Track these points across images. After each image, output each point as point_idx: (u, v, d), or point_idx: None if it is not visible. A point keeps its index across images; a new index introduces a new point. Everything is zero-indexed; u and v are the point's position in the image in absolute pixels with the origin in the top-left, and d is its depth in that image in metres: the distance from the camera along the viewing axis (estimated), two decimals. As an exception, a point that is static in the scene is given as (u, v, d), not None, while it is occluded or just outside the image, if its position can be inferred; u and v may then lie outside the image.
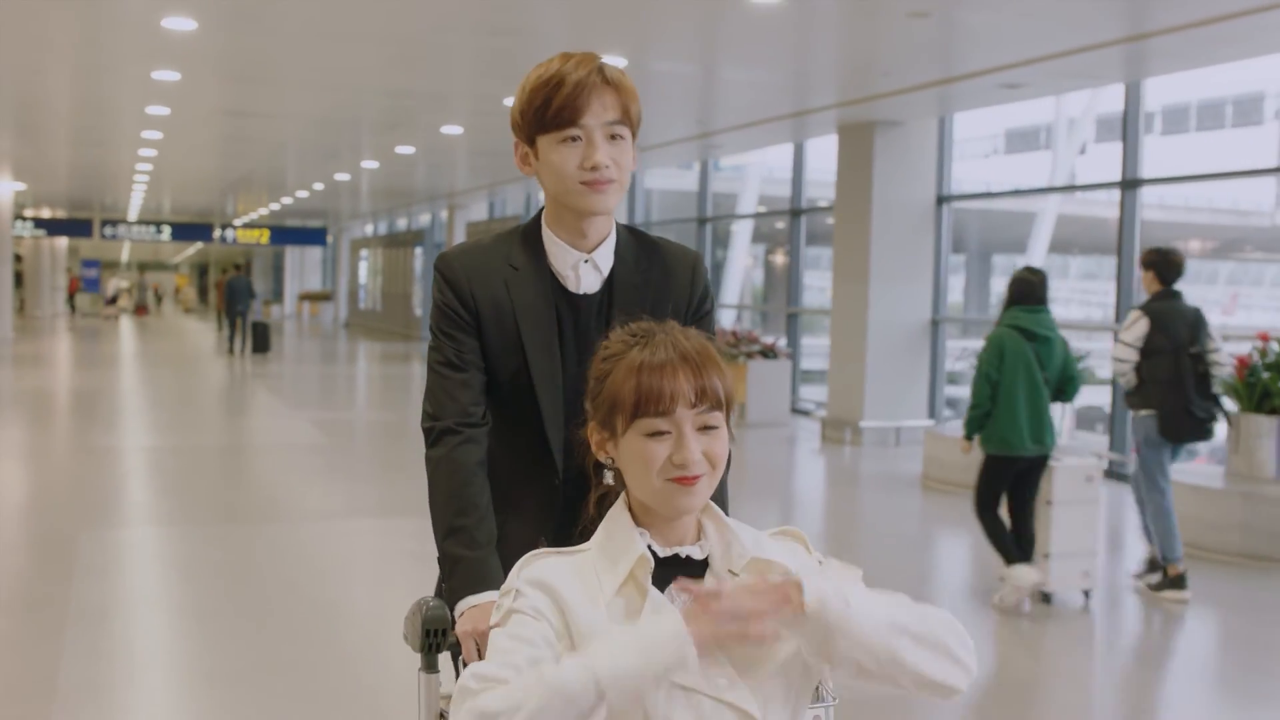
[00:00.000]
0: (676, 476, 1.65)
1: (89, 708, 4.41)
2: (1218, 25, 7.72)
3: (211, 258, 59.46)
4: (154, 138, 16.04)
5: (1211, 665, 5.81)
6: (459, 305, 2.15)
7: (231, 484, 9.49)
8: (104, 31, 9.36)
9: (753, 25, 8.26)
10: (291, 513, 8.30)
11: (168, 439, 11.67)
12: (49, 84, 11.95)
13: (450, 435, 2.11)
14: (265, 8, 8.36)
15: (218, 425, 13.25)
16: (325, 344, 28.78)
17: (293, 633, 5.44)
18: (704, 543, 1.73)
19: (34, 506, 8.41)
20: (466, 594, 1.99)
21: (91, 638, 5.21)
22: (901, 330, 12.20)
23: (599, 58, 2.10)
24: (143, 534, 7.48)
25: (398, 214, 34.07)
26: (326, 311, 42.20)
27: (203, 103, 12.94)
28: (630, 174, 2.13)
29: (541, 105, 2.06)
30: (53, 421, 13.10)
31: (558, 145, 2.07)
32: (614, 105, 2.08)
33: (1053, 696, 5.16)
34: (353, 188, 24.77)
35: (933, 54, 9.17)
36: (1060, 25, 8.12)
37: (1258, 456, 7.61)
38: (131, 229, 35.02)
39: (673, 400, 1.64)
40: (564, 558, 1.69)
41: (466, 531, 2.05)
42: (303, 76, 11.21)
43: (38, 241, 35.76)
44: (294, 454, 10.98)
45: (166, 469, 9.91)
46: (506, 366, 2.15)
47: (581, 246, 2.15)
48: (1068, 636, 5.99)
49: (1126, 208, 10.25)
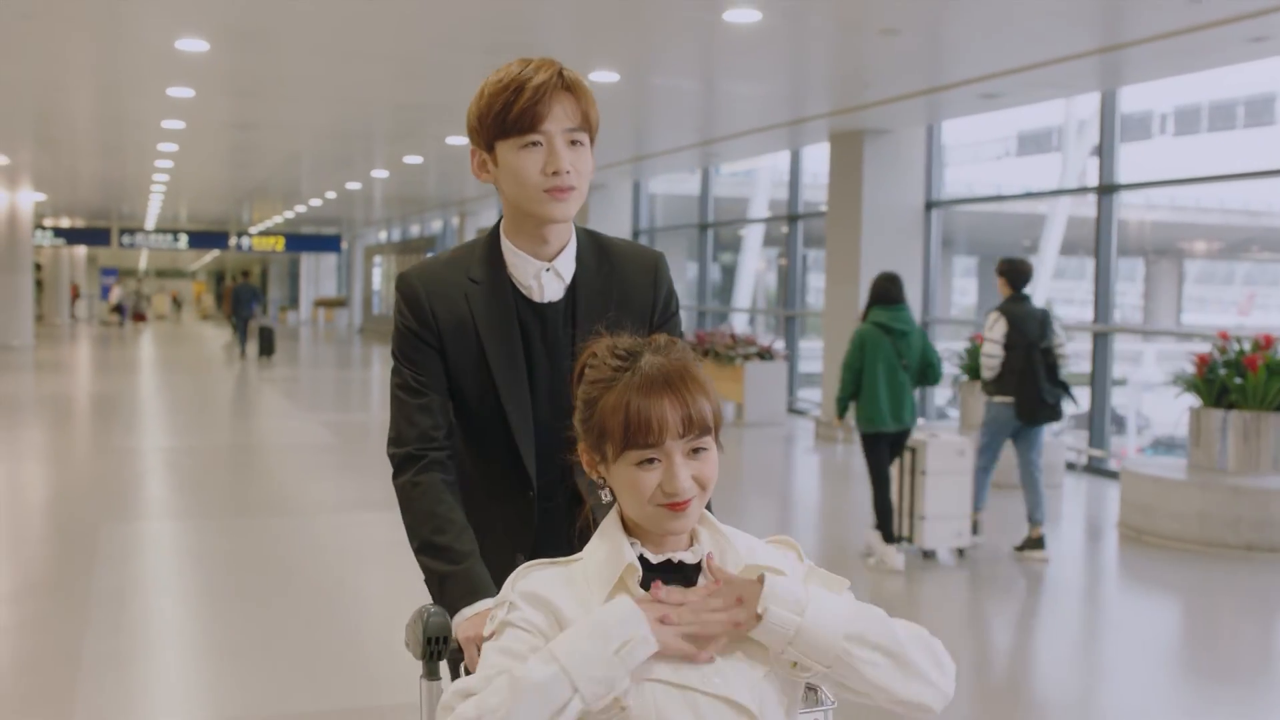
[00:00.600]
0: (667, 503, 1.66)
1: (110, 676, 4.85)
2: (1187, 36, 8.06)
3: (228, 265, 60.14)
4: (170, 149, 16.56)
5: (1074, 616, 6.21)
6: (419, 326, 2.13)
7: (243, 481, 9.94)
8: (121, 53, 9.86)
9: (736, 42, 8.68)
10: (300, 507, 8.74)
11: (183, 439, 12.14)
12: (69, 101, 12.46)
13: (412, 462, 2.11)
14: (274, 30, 8.82)
15: (231, 426, 13.72)
16: (338, 349, 29.26)
17: (299, 613, 5.88)
18: (697, 547, 1.74)
19: (57, 501, 8.86)
20: (461, 605, 1.99)
21: (112, 616, 5.66)
22: (891, 331, 12.57)
23: (558, 63, 2.08)
24: (160, 526, 7.94)
25: (410, 221, 34.58)
26: (341, 317, 42.74)
27: (216, 117, 13.43)
28: (589, 181, 2.11)
29: (501, 110, 2.04)
30: (73, 423, 13.59)
31: (518, 151, 2.05)
32: (574, 111, 2.05)
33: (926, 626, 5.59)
34: (365, 196, 25.29)
35: (910, 67, 9.57)
36: (1035, 39, 8.49)
37: (1216, 449, 7.99)
38: (149, 237, 35.64)
39: (661, 432, 1.65)
40: (557, 568, 1.71)
41: (445, 548, 2.04)
42: (312, 92, 11.68)
43: (57, 250, 36.39)
44: (304, 453, 11.44)
45: (182, 467, 10.37)
46: (473, 383, 2.14)
47: (542, 255, 2.14)
48: (941, 584, 6.90)
49: (1104, 211, 10.65)
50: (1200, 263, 25.43)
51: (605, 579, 1.67)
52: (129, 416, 14.09)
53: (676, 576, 1.71)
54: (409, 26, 8.58)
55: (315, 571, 6.77)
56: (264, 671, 4.96)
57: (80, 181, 22.91)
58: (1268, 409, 7.78)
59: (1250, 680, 5.44)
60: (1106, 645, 5.93)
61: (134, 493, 9.15)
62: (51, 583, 6.39)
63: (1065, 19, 7.94)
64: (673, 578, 1.70)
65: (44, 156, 18.59)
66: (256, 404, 16.44)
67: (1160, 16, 7.75)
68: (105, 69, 10.57)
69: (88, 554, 6.86)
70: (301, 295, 48.17)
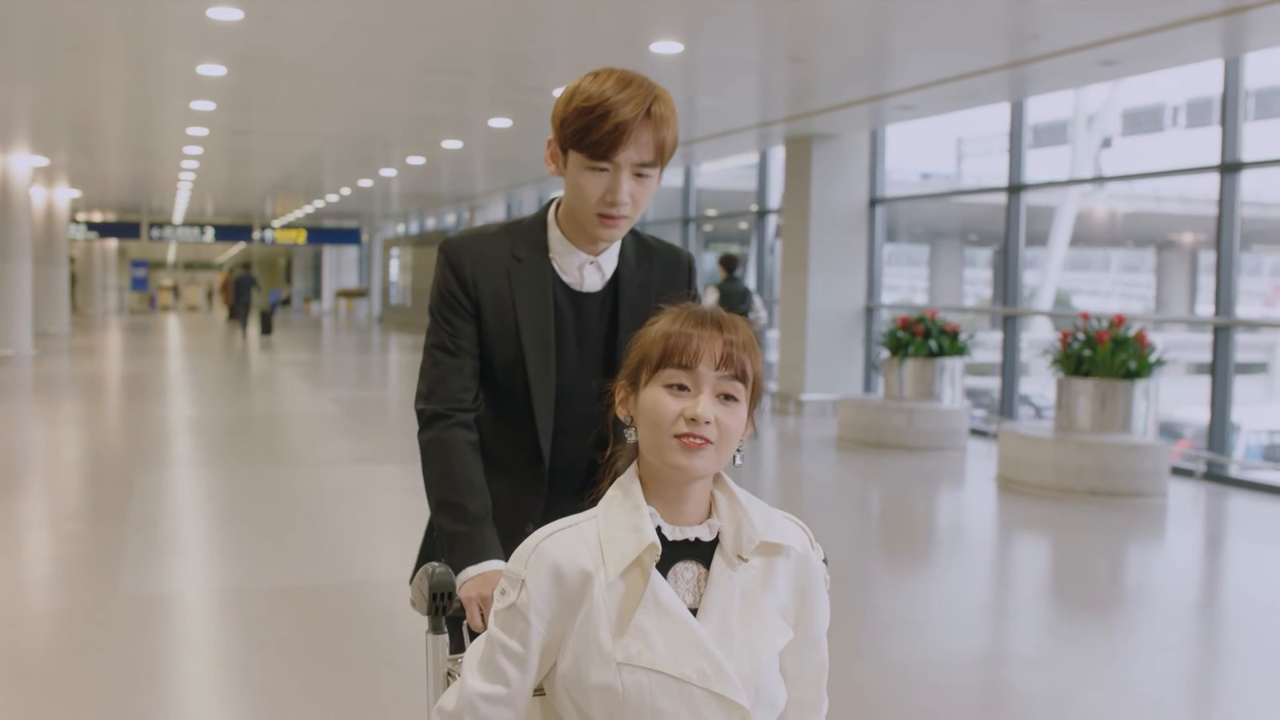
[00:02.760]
0: (683, 434, 1.66)
1: (148, 572, 6.36)
2: (1092, 50, 9.16)
3: (254, 257, 61.94)
4: (194, 151, 18.16)
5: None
6: (460, 291, 2.19)
7: (257, 440, 11.49)
8: (149, 75, 11.42)
9: (662, 70, 10.09)
10: (305, 459, 10.28)
11: (205, 410, 13.72)
12: (103, 113, 14.06)
13: (440, 420, 2.17)
14: (292, 53, 10.31)
15: (248, 400, 15.31)
16: (355, 337, 30.95)
17: (302, 531, 7.41)
18: (714, 520, 1.73)
19: (95, 456, 10.41)
20: (466, 565, 2.04)
21: (147, 532, 7.20)
22: (838, 315, 14.03)
23: (653, 90, 2.10)
24: (184, 473, 9.49)
25: (427, 214, 36.12)
26: (361, 307, 44.43)
27: (236, 125, 14.99)
28: (647, 204, 2.16)
29: (580, 130, 2.07)
30: (106, 397, 15.18)
31: (584, 170, 2.09)
32: (650, 145, 2.09)
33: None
34: (383, 191, 26.86)
35: (843, 81, 10.98)
36: (948, 55, 9.75)
37: (1076, 412, 9.39)
38: (177, 231, 37.29)
39: (697, 355, 1.66)
40: (571, 531, 1.70)
41: (460, 507, 2.10)
42: (318, 107, 13.23)
43: (90, 244, 38.13)
44: (311, 421, 12.99)
45: (204, 431, 11.93)
46: (502, 356, 2.20)
47: (589, 251, 2.22)
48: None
49: (1012, 210, 12.07)
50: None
51: (624, 553, 1.66)
52: (156, 391, 15.71)
53: (691, 553, 1.72)
54: (416, 50, 10.05)
55: (315, 502, 8.30)
56: (275, 572, 6.48)
57: (112, 179, 24.58)
58: (1115, 377, 9.18)
59: (1104, 604, 6.88)
60: (978, 579, 7.34)
61: (161, 450, 10.70)
62: (94, 513, 7.94)
63: (980, 36, 9.03)
64: (688, 554, 1.72)
65: (79, 158, 20.23)
66: (272, 383, 18.03)
67: (1067, 33, 8.73)
68: (135, 87, 12.14)
69: (124, 493, 8.41)
70: (324, 286, 49.89)
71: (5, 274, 18.49)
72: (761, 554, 1.71)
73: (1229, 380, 9.83)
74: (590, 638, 1.64)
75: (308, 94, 12.43)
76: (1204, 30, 8.65)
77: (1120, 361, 9.12)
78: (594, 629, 1.64)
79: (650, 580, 1.65)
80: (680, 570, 1.70)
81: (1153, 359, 9.15)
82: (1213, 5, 8.02)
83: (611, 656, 1.63)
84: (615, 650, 1.63)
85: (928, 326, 11.48)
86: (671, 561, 1.70)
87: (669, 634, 1.63)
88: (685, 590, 1.69)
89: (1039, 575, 7.33)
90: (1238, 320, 9.96)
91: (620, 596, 1.65)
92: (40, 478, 9.39)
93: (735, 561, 1.70)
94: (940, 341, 11.44)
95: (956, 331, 11.57)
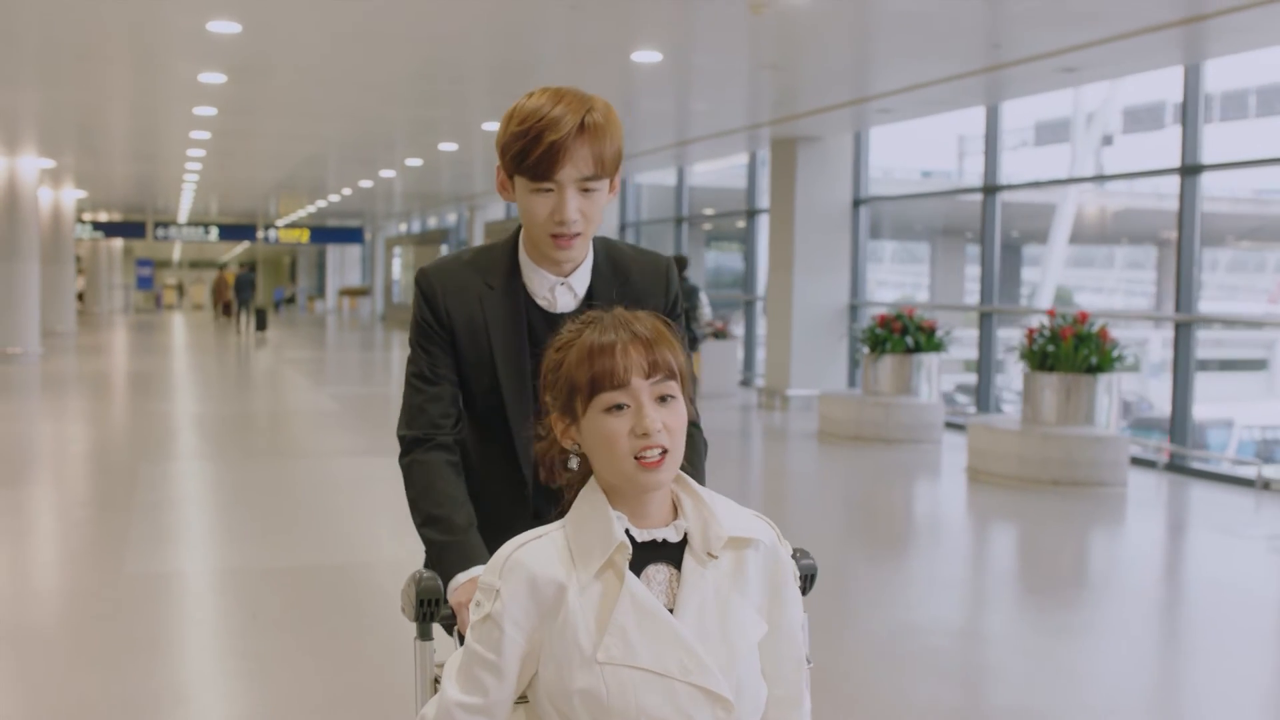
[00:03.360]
0: (641, 457, 1.68)
1: (152, 554, 6.78)
2: (1062, 56, 9.53)
3: (260, 256, 62.42)
4: (198, 154, 18.60)
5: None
6: (434, 320, 2.22)
7: (257, 434, 11.91)
8: (153, 82, 11.85)
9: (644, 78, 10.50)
10: (302, 451, 10.70)
11: (206, 406, 14.15)
12: (107, 117, 14.51)
13: (419, 444, 2.22)
14: (290, 62, 10.73)
15: (249, 397, 15.74)
16: (356, 335, 31.37)
17: (298, 517, 7.82)
18: (679, 522, 1.76)
19: (101, 449, 10.82)
20: (455, 573, 2.09)
21: (151, 518, 7.63)
22: (822, 312, 14.44)
23: (586, 103, 2.10)
24: (187, 464, 9.91)
25: (429, 214, 36.56)
26: (365, 305, 44.88)
27: (238, 131, 15.41)
28: (600, 219, 2.17)
29: (519, 154, 2.09)
30: (111, 393, 15.61)
31: (530, 193, 2.11)
32: (589, 159, 2.09)
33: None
34: (385, 191, 27.30)
35: (826, 86, 11.37)
36: (923, 62, 10.15)
37: (1041, 405, 9.79)
38: (182, 230, 37.76)
39: (626, 372, 1.68)
40: (542, 540, 1.73)
41: (444, 519, 2.14)
42: (327, 110, 13.64)
43: (95, 243, 38.60)
44: (312, 417, 13.42)
45: (205, 425, 12.35)
46: (479, 382, 2.24)
47: (558, 272, 2.23)
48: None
49: (987, 211, 12.48)
50: (1231, 251, 25.62)
51: (596, 556, 1.69)
52: (161, 387, 16.14)
53: (660, 555, 1.74)
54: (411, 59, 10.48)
55: (312, 491, 8.72)
56: (262, 544, 6.90)
57: (117, 180, 25.05)
58: (1078, 371, 9.58)
59: (1063, 585, 7.30)
60: (944, 565, 7.74)
61: (165, 443, 11.12)
62: (101, 500, 8.37)
63: (951, 43, 9.40)
64: (658, 556, 1.74)
65: (85, 160, 20.67)
66: (275, 380, 18.45)
67: (1039, 40, 9.09)
68: (139, 94, 12.58)
69: (129, 482, 8.84)
70: (328, 285, 50.36)
71: (14, 274, 18.93)
72: (730, 549, 1.74)
73: (1189, 375, 10.22)
74: (570, 642, 1.66)
75: (306, 100, 12.86)
76: (1163, 39, 9.03)
77: (1083, 357, 9.51)
78: (572, 633, 1.66)
79: (625, 580, 1.68)
80: (652, 573, 1.72)
81: (1115, 354, 9.54)
82: (1170, 15, 8.40)
83: (592, 658, 1.64)
84: (596, 651, 1.64)
85: (905, 324, 11.88)
86: (642, 565, 1.72)
87: (648, 631, 1.65)
88: (659, 592, 1.71)
89: (1002, 560, 7.74)
90: (1197, 317, 10.35)
91: (596, 599, 1.67)
92: (50, 468, 9.82)
93: (705, 559, 1.72)
94: (917, 338, 11.84)
95: (933, 328, 11.97)
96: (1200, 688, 5.11)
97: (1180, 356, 10.23)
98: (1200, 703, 4.93)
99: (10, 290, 18.90)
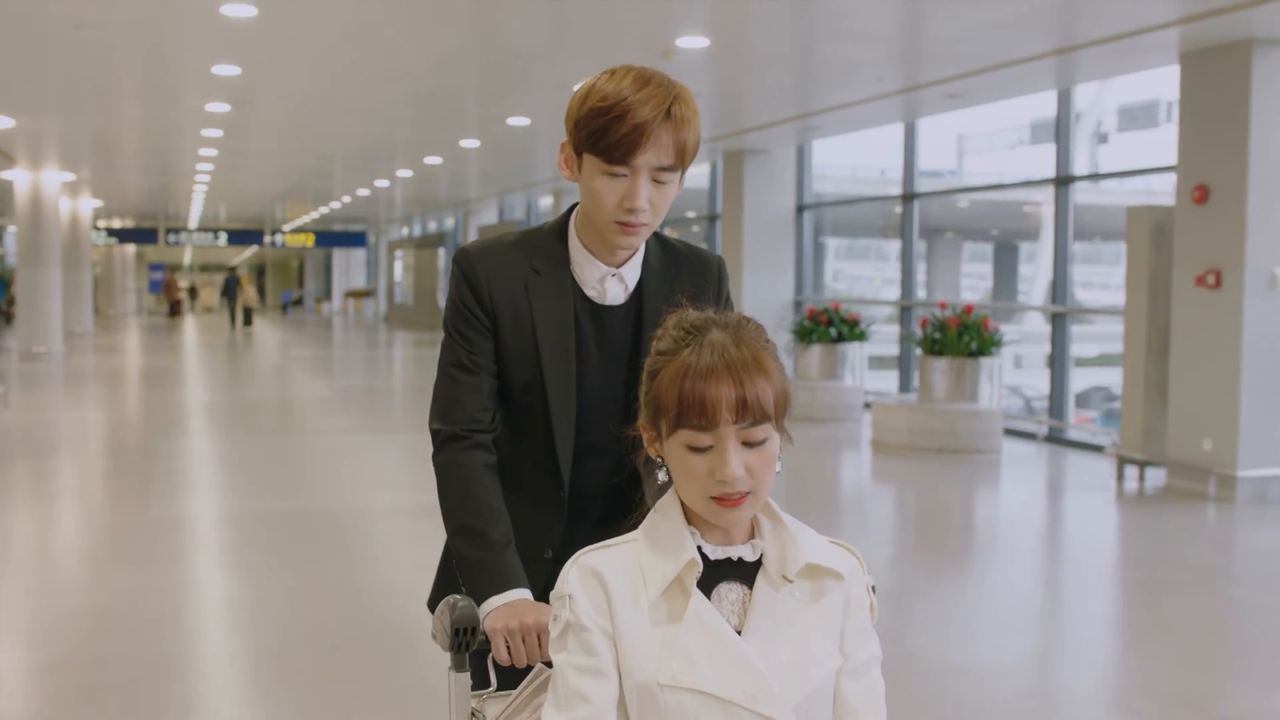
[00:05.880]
0: (718, 496, 1.60)
1: (170, 502, 8.38)
2: (977, 77, 10.81)
3: (268, 259, 64.15)
4: (207, 168, 20.29)
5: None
6: (476, 305, 2.09)
7: (262, 417, 13.54)
8: (161, 111, 13.48)
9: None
10: (302, 429, 12.32)
11: (216, 395, 15.79)
12: (121, 138, 16.18)
13: (456, 441, 2.08)
14: (283, 99, 12.35)
15: (253, 388, 17.38)
16: (357, 334, 33.07)
17: (292, 475, 9.43)
18: (757, 542, 1.68)
19: (121, 429, 12.44)
20: (489, 595, 1.96)
21: (167, 478, 9.24)
22: (770, 308, 15.99)
23: (673, 90, 1.97)
24: (198, 441, 11.54)
25: (429, 218, 38.13)
26: (369, 307, 46.54)
27: (242, 150, 17.07)
28: (667, 209, 2.04)
29: (596, 131, 1.95)
30: (131, 385, 17.27)
31: (601, 174, 1.98)
32: (669, 148, 1.96)
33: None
34: (387, 196, 28.92)
35: (759, 107, 12.95)
36: (845, 88, 11.64)
37: (933, 384, 11.34)
38: (192, 235, 39.39)
39: (714, 414, 1.58)
40: (612, 550, 1.66)
41: (480, 533, 2.02)
42: (325, 132, 15.28)
43: (110, 249, 40.30)
44: (311, 404, 15.06)
45: (215, 411, 13.98)
46: (520, 374, 2.11)
47: (610, 262, 2.11)
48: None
49: (906, 216, 14.05)
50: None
51: (664, 572, 1.61)
52: (174, 380, 17.82)
53: (734, 574, 1.66)
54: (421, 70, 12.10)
55: (306, 458, 10.33)
56: (262, 494, 8.50)
57: (131, 190, 26.73)
58: (962, 355, 11.13)
59: (952, 542, 8.90)
60: (839, 517, 9.33)
61: (179, 424, 12.75)
62: (126, 466, 10.00)
63: (873, 67, 10.83)
64: (732, 574, 1.66)
65: (102, 173, 22.36)
66: (281, 374, 20.11)
67: (952, 63, 10.34)
68: (149, 119, 14.24)
69: (149, 453, 10.48)
70: (334, 287, 51.99)
71: (39, 279, 20.61)
72: (807, 577, 1.66)
73: (1065, 358, 11.78)
74: (630, 659, 1.59)
75: (301, 126, 14.49)
76: (1039, 67, 10.56)
77: (965, 343, 11.08)
78: (635, 651, 1.59)
79: (692, 599, 1.61)
80: (724, 591, 1.64)
81: (994, 341, 11.11)
82: (1044, 46, 9.79)
83: (654, 679, 1.57)
84: (658, 672, 1.57)
85: (830, 317, 13.46)
86: (714, 582, 1.64)
87: (714, 654, 1.58)
88: (729, 611, 1.63)
89: (890, 511, 9.31)
90: (1070, 309, 11.91)
91: (662, 617, 1.60)
92: (81, 443, 11.46)
93: (779, 582, 1.65)
94: (840, 329, 13.42)
95: (857, 320, 13.56)
96: (1026, 598, 6.69)
97: (1057, 343, 11.78)
98: (1040, 618, 6.52)
99: (36, 294, 20.58)
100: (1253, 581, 6.90)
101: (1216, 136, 8.84)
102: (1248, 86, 8.58)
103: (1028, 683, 5.05)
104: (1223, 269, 8.77)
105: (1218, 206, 8.81)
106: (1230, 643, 5.71)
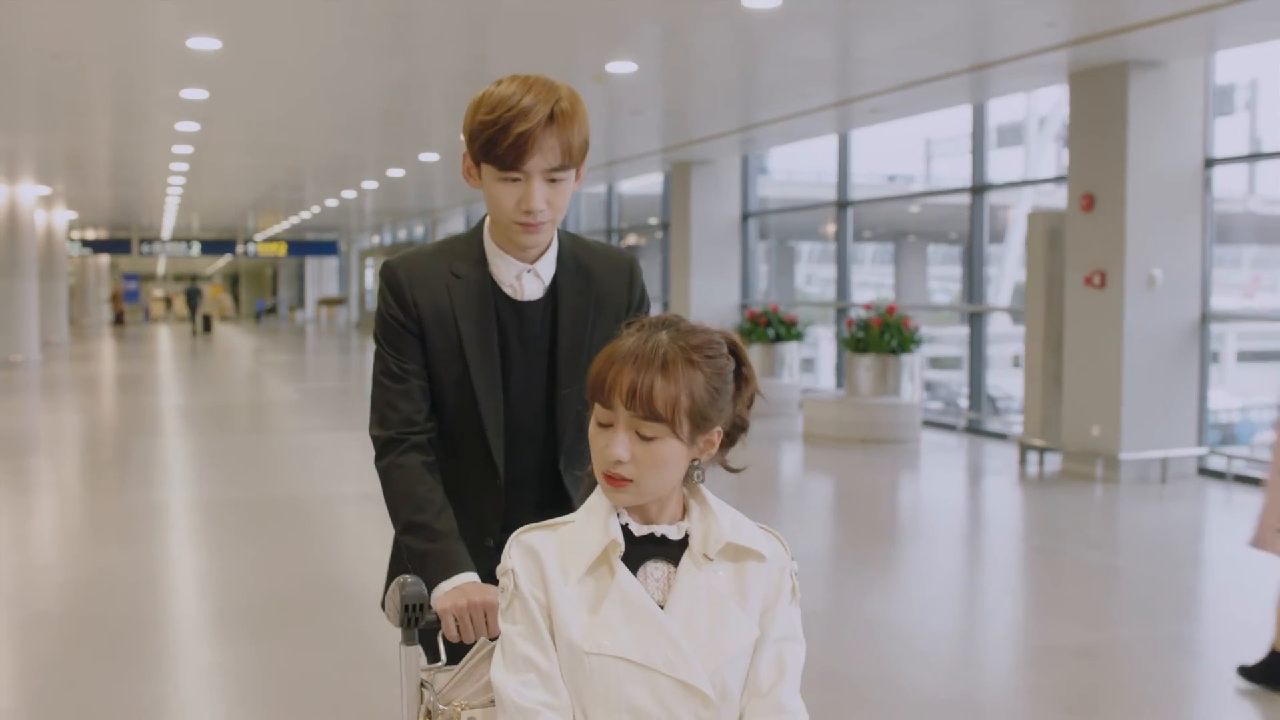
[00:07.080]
0: (606, 473, 1.73)
1: (145, 491, 9.13)
2: (905, 91, 11.52)
3: (241, 269, 64.69)
4: (179, 181, 20.99)
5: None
6: (401, 313, 2.20)
7: (232, 418, 14.28)
8: (132, 129, 14.23)
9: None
10: (270, 429, 13.06)
11: (186, 399, 16.52)
12: (94, 152, 16.90)
13: (394, 444, 2.19)
14: (254, 122, 13.10)
15: (223, 391, 18.12)
16: (327, 341, 33.76)
17: (267, 478, 10.19)
18: (683, 523, 1.79)
19: (97, 429, 13.17)
20: (439, 580, 2.07)
21: (142, 471, 9.99)
22: (716, 311, 16.78)
23: (554, 92, 2.08)
24: (173, 440, 12.28)
25: (399, 226, 38.77)
26: (341, 314, 47.16)
27: (212, 163, 17.80)
28: (566, 206, 2.16)
29: (487, 143, 2.07)
30: (107, 390, 17.97)
31: (497, 180, 2.10)
32: (556, 149, 2.07)
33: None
34: (358, 206, 29.56)
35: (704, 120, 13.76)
36: (781, 103, 12.41)
37: (858, 380, 12.17)
38: (165, 246, 39.91)
39: (611, 393, 1.71)
40: (548, 530, 1.78)
41: (426, 526, 2.13)
42: (296, 144, 16.04)
43: (84, 260, 40.83)
44: (280, 406, 15.81)
45: (187, 412, 14.71)
46: (449, 372, 2.21)
47: (524, 258, 2.22)
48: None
49: (841, 221, 14.90)
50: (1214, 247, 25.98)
51: (589, 551, 1.73)
52: (148, 386, 18.54)
53: (662, 553, 1.77)
54: (387, 78, 12.88)
55: (271, 454, 11.08)
56: (229, 484, 9.26)
57: (104, 201, 27.35)
58: (884, 352, 11.96)
59: (874, 520, 9.73)
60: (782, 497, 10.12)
61: (154, 425, 13.48)
62: (103, 462, 10.74)
63: (807, 83, 11.68)
64: (660, 554, 1.77)
65: (76, 186, 23.00)
66: (247, 378, 20.82)
67: (880, 77, 10.98)
68: (121, 134, 14.99)
69: (126, 450, 11.22)
70: (307, 295, 52.58)
71: (16, 289, 21.29)
72: (729, 557, 1.77)
73: (983, 354, 12.64)
74: (561, 630, 1.70)
75: (269, 143, 15.25)
76: (953, 83, 11.40)
77: (886, 341, 11.92)
78: (566, 622, 1.70)
79: (616, 574, 1.71)
80: (650, 569, 1.75)
81: (915, 339, 11.95)
82: (954, 65, 10.56)
83: (580, 648, 1.68)
84: (584, 641, 1.68)
85: (769, 318, 14.30)
86: (642, 560, 1.75)
87: (636, 624, 1.69)
88: (655, 588, 1.74)
89: (817, 495, 10.14)
90: (985, 308, 12.77)
91: (590, 593, 1.71)
92: (60, 443, 12.19)
93: (701, 561, 1.75)
94: (779, 330, 14.26)
95: (794, 322, 14.40)
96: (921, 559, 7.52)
97: (975, 341, 12.64)
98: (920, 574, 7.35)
99: (13, 304, 21.26)
100: (1128, 551, 7.76)
101: (1100, 149, 9.71)
102: (1124, 104, 9.45)
103: (946, 637, 5.81)
104: (1107, 270, 9.63)
105: (1102, 213, 9.67)
106: (1105, 597, 6.56)
